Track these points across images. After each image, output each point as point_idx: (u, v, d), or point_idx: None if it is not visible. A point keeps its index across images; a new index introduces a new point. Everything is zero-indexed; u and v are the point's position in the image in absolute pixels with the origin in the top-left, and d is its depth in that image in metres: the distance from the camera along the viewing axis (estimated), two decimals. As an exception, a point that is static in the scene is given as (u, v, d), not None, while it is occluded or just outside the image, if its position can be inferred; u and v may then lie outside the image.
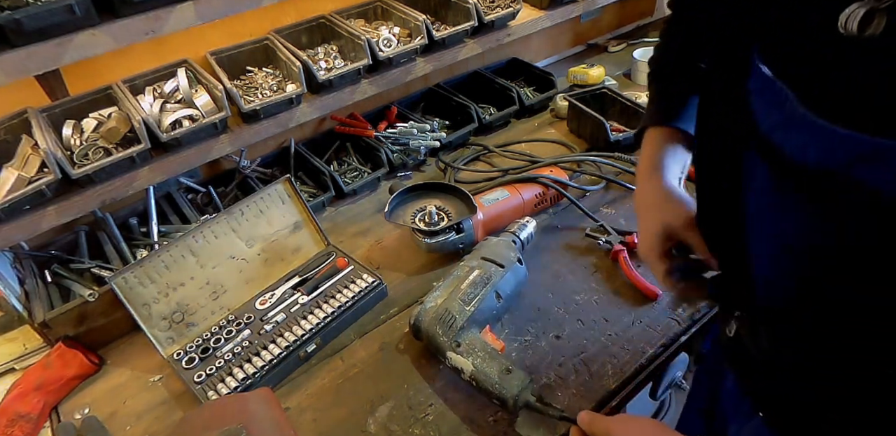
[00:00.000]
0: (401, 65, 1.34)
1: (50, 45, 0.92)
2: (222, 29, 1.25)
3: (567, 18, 1.61)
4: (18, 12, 0.87)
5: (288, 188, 1.12)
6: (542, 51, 1.87)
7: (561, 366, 0.95)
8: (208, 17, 1.05)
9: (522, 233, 1.11)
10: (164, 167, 1.13)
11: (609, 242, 1.14)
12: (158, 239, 1.17)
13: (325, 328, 1.01)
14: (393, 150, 1.39)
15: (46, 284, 1.09)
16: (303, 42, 1.35)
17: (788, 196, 0.50)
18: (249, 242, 1.09)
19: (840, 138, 0.41)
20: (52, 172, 0.98)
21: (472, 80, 1.65)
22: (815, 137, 0.43)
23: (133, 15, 0.97)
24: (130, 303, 0.95)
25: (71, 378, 0.98)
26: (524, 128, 1.57)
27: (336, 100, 1.29)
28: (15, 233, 1.01)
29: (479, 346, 0.89)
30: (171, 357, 0.98)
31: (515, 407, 0.83)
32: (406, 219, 1.15)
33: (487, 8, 1.45)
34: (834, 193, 0.45)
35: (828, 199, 0.46)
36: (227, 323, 1.03)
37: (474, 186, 1.29)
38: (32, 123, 1.04)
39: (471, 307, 0.93)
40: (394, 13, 1.38)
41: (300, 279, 1.10)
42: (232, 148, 1.20)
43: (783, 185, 0.50)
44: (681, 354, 1.02)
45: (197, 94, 1.13)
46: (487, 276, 0.98)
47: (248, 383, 0.93)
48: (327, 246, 1.18)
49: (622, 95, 1.48)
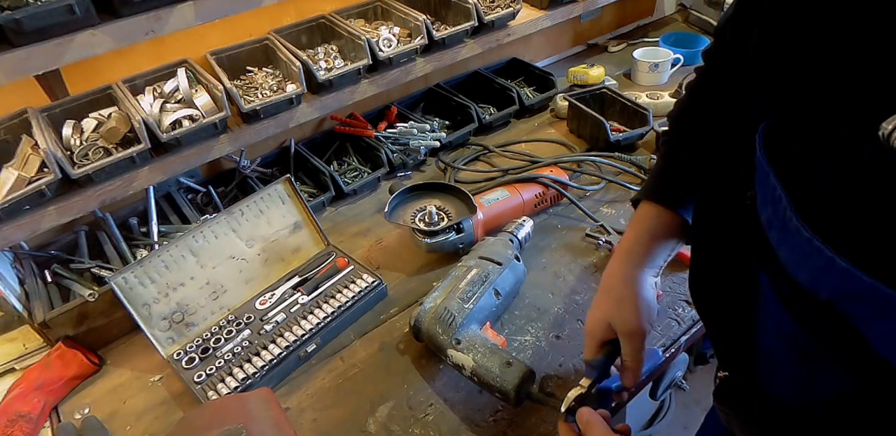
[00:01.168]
0: (401, 65, 1.34)
1: (50, 45, 0.92)
2: (222, 29, 1.25)
3: (567, 18, 1.61)
4: (18, 12, 0.87)
5: (288, 188, 1.12)
6: (542, 51, 1.87)
7: (561, 366, 0.95)
8: (208, 17, 1.05)
9: (520, 232, 1.11)
10: (164, 167, 1.13)
11: (609, 242, 1.14)
12: (158, 239, 1.17)
13: (324, 328, 1.01)
14: (393, 150, 1.39)
15: (46, 284, 1.09)
16: (303, 42, 1.35)
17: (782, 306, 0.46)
18: (249, 242, 1.09)
19: (839, 270, 0.36)
20: (52, 172, 0.98)
21: (472, 80, 1.65)
22: (811, 258, 0.38)
23: (133, 15, 0.97)
24: (130, 303, 0.95)
25: (71, 378, 0.98)
26: (524, 128, 1.57)
27: (336, 100, 1.29)
28: (15, 233, 1.00)
29: (480, 342, 0.89)
30: (171, 357, 0.98)
31: (518, 399, 0.83)
32: (406, 219, 1.15)
33: (487, 8, 1.45)
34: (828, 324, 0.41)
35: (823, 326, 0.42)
36: (227, 323, 1.03)
37: (474, 186, 1.30)
38: (32, 123, 1.04)
39: (469, 305, 0.94)
40: (394, 13, 1.38)
41: (300, 279, 1.10)
42: (232, 148, 1.20)
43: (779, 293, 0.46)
44: (681, 354, 1.02)
45: (197, 94, 1.13)
46: (485, 274, 0.99)
47: (248, 383, 0.93)
48: (327, 246, 1.18)
49: (622, 95, 1.48)
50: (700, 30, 1.96)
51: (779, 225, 0.42)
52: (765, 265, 0.48)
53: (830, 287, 0.38)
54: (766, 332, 0.52)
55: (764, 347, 0.54)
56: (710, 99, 0.68)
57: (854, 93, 0.35)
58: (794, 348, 0.48)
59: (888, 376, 0.38)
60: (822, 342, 0.44)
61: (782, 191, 0.40)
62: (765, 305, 0.51)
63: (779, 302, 0.47)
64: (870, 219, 0.35)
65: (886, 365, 0.37)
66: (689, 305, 1.02)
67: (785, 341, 0.49)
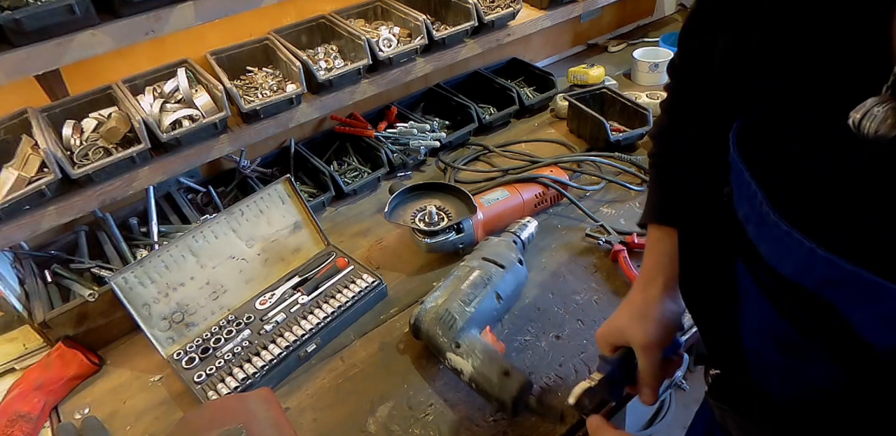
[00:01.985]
0: (401, 65, 1.34)
1: (50, 45, 0.92)
2: (222, 29, 1.25)
3: (567, 18, 1.61)
4: (18, 12, 0.87)
5: (288, 188, 1.12)
6: (542, 51, 1.87)
7: (561, 366, 0.95)
8: (208, 17, 1.05)
9: (523, 233, 1.11)
10: (164, 167, 1.13)
11: (609, 242, 1.14)
12: (158, 239, 1.17)
13: (325, 328, 1.01)
14: (393, 150, 1.39)
15: (46, 284, 1.09)
16: (303, 42, 1.35)
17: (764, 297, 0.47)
18: (249, 242, 1.09)
19: (820, 259, 0.37)
20: (52, 172, 0.98)
21: (472, 80, 1.65)
22: (791, 250, 0.40)
23: (133, 15, 0.97)
24: (130, 303, 0.95)
25: (71, 378, 0.98)
26: (524, 128, 1.57)
27: (336, 100, 1.29)
28: (15, 233, 1.00)
29: (479, 347, 0.89)
30: (171, 357, 0.98)
31: (515, 410, 0.83)
32: (406, 219, 1.15)
33: (487, 8, 1.45)
34: (810, 313, 0.42)
35: (804, 315, 0.43)
36: (227, 323, 1.03)
37: (474, 186, 1.30)
38: (32, 123, 1.04)
39: (471, 308, 0.93)
40: (394, 13, 1.38)
41: (300, 279, 1.10)
42: (232, 148, 1.20)
43: (760, 283, 0.47)
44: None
45: (197, 94, 1.13)
46: (488, 277, 0.98)
47: (248, 383, 0.93)
48: (327, 246, 1.18)
49: (622, 95, 1.48)
50: (700, 30, 1.96)
51: (756, 220, 0.43)
52: (746, 259, 0.49)
53: (814, 277, 0.39)
54: (751, 327, 0.53)
55: (749, 343, 0.54)
56: (687, 108, 0.68)
57: (853, 94, 0.35)
58: (780, 341, 0.48)
59: (873, 362, 0.39)
60: (807, 333, 0.44)
61: (756, 187, 0.41)
62: (747, 299, 0.51)
63: (762, 296, 0.48)
64: (869, 219, 0.36)
65: (871, 349, 0.38)
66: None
67: (770, 335, 0.50)
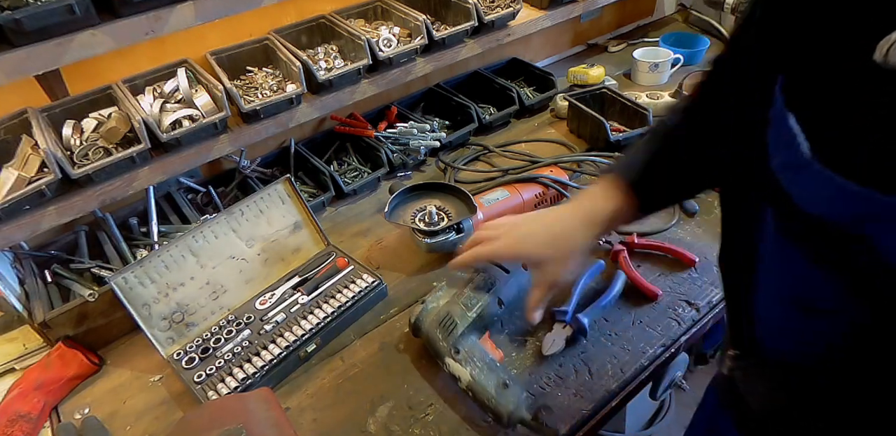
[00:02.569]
0: (401, 65, 1.34)
1: (50, 45, 0.92)
2: (222, 29, 1.25)
3: (567, 18, 1.61)
4: (18, 12, 0.87)
5: (288, 188, 1.12)
6: (542, 51, 1.87)
7: (561, 366, 0.95)
8: (208, 18, 1.05)
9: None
10: (164, 167, 1.13)
11: (609, 242, 1.14)
12: (158, 239, 1.17)
13: (325, 328, 1.01)
14: (393, 150, 1.39)
15: (46, 284, 1.09)
16: (303, 42, 1.35)
17: (792, 246, 0.48)
18: (249, 242, 1.09)
19: (852, 194, 0.38)
20: (52, 172, 0.98)
21: (472, 80, 1.65)
22: (824, 189, 0.41)
23: (133, 15, 0.97)
24: (130, 303, 0.95)
25: (71, 378, 0.98)
26: (524, 128, 1.57)
27: (336, 100, 1.29)
28: (15, 233, 1.00)
29: (479, 355, 0.88)
30: (171, 357, 0.98)
31: (510, 423, 0.83)
32: (406, 219, 1.15)
33: (487, 8, 1.45)
34: (841, 250, 0.42)
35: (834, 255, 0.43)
36: (227, 323, 1.03)
37: (474, 186, 1.30)
38: (32, 123, 1.04)
39: (472, 313, 0.93)
40: (394, 13, 1.38)
41: (300, 279, 1.10)
42: (232, 148, 1.20)
43: (788, 232, 0.48)
44: (681, 354, 1.02)
45: (197, 94, 1.13)
46: (491, 281, 0.98)
47: (248, 383, 0.93)
48: (327, 246, 1.18)
49: (622, 95, 1.48)
50: (700, 30, 1.96)
51: (794, 165, 0.44)
52: (774, 203, 0.49)
53: (848, 213, 0.40)
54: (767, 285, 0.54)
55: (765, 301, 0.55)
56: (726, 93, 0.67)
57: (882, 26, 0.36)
58: (796, 298, 0.50)
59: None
60: (829, 273, 0.45)
61: (799, 131, 0.42)
62: (771, 257, 0.52)
63: (788, 243, 0.49)
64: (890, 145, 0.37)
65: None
66: (689, 305, 1.02)
67: (788, 288, 0.51)
